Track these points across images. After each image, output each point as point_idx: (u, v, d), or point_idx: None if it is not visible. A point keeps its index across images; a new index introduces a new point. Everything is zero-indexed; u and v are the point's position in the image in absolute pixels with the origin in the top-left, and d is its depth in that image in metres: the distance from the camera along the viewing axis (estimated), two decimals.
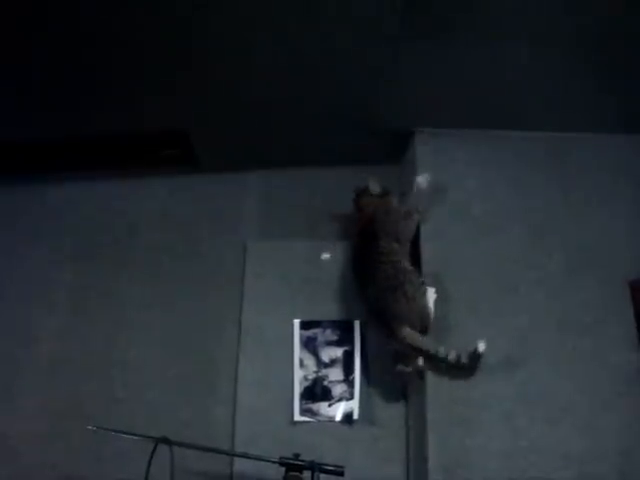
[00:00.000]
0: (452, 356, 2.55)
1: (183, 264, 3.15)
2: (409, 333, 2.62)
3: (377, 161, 3.16)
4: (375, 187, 2.90)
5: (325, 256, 3.07)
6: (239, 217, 3.22)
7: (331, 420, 2.83)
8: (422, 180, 2.86)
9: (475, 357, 2.53)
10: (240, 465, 2.74)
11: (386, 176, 3.15)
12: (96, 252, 3.18)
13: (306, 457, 2.47)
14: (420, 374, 2.64)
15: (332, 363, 2.91)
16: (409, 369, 2.65)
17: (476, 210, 2.86)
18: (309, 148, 3.09)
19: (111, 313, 3.08)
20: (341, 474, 2.49)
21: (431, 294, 2.67)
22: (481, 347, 2.50)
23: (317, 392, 2.86)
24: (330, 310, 2.96)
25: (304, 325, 2.95)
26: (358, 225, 2.92)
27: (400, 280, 2.66)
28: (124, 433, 2.57)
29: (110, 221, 3.24)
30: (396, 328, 2.63)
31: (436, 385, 2.59)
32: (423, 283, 2.69)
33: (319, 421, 2.82)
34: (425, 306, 2.66)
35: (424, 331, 2.65)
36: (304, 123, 2.94)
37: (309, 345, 2.93)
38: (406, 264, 2.72)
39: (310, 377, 2.89)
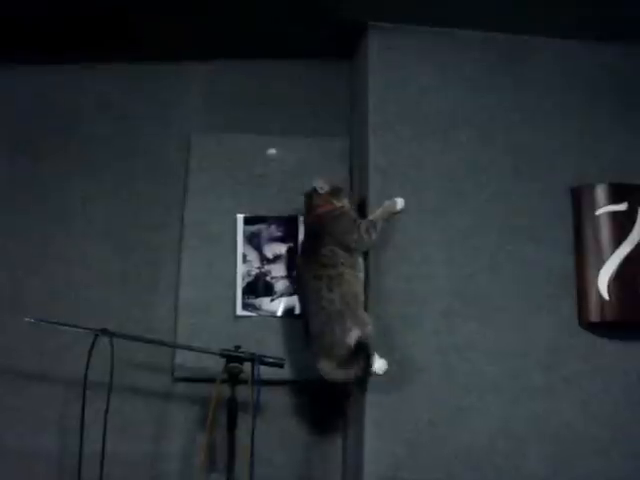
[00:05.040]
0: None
1: (124, 157, 3.06)
2: (326, 368, 2.55)
3: (328, 55, 3.08)
4: (322, 185, 2.73)
5: (271, 151, 3.02)
6: (183, 109, 3.11)
7: (273, 315, 2.87)
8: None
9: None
10: (181, 357, 2.78)
11: (337, 73, 3.13)
12: (32, 144, 3.05)
13: (248, 350, 2.53)
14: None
15: (275, 259, 2.92)
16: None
17: (426, 109, 2.83)
18: (259, 38, 2.98)
19: (49, 207, 2.99)
20: (281, 366, 2.55)
21: (382, 364, 2.51)
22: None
23: (260, 287, 2.89)
24: (275, 206, 2.95)
25: (248, 221, 2.93)
26: (306, 221, 2.81)
27: (334, 311, 2.53)
28: (63, 325, 2.57)
29: (46, 112, 3.09)
30: (317, 358, 2.56)
31: (377, 283, 2.63)
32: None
33: (261, 316, 2.86)
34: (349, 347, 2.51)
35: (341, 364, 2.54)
36: (254, 9, 2.80)
37: (253, 241, 2.92)
38: (348, 287, 2.56)
39: (253, 273, 2.90)
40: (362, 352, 2.49)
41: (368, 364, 2.49)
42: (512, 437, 2.55)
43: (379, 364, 2.50)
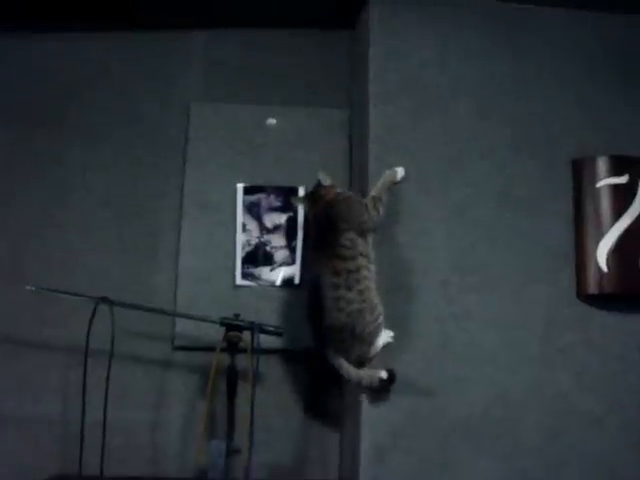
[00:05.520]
0: (367, 380, 2.50)
1: (123, 126, 3.04)
2: (344, 366, 2.52)
3: (329, 25, 3.06)
4: (325, 178, 2.69)
5: (270, 121, 3.01)
6: (182, 78, 3.09)
7: (272, 285, 2.88)
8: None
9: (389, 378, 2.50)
10: (181, 326, 2.80)
11: (337, 43, 3.10)
12: (31, 113, 3.03)
13: (247, 319, 2.54)
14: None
15: (275, 229, 2.92)
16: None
17: (427, 80, 2.81)
18: (260, 7, 2.95)
19: (48, 176, 2.98)
20: (280, 335, 2.57)
21: (386, 336, 2.53)
22: (383, 375, 2.48)
23: (259, 257, 2.89)
24: (274, 176, 2.94)
25: (248, 190, 2.93)
26: (313, 213, 2.72)
27: (354, 310, 2.49)
28: (64, 293, 2.58)
29: (45, 81, 3.06)
30: (330, 354, 2.54)
31: (375, 254, 2.63)
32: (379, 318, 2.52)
33: (260, 285, 2.87)
34: (372, 344, 2.52)
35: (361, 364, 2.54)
36: None
37: (252, 210, 2.93)
38: (365, 283, 2.50)
39: (253, 242, 2.90)
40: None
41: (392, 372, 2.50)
42: (509, 406, 2.58)
43: (384, 336, 2.52)
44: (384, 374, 2.47)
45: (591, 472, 2.54)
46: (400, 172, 2.66)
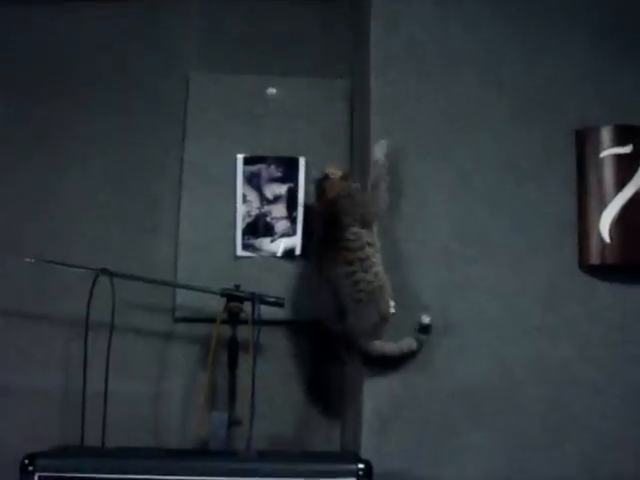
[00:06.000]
0: (406, 346, 2.52)
1: (122, 97, 3.01)
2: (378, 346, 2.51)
3: None
4: (333, 171, 2.66)
5: (271, 91, 2.98)
6: (181, 48, 3.05)
7: (273, 255, 2.87)
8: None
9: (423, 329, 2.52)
10: (182, 297, 2.79)
11: (338, 11, 3.06)
12: (30, 85, 3.00)
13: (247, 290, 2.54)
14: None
15: (275, 200, 2.90)
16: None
17: (428, 49, 2.77)
18: None
19: (48, 148, 2.96)
20: (281, 305, 2.57)
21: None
22: (425, 320, 2.50)
23: (260, 228, 2.88)
24: (275, 146, 2.92)
25: (248, 161, 2.91)
26: (319, 208, 2.70)
27: (376, 288, 2.49)
28: (63, 265, 2.58)
29: (44, 52, 3.04)
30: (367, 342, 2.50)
31: (376, 222, 2.62)
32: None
33: (261, 256, 2.86)
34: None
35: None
36: None
37: (253, 181, 2.90)
38: (378, 267, 2.51)
39: (253, 213, 2.89)
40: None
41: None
42: (510, 376, 2.57)
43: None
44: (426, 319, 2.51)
45: (591, 442, 2.54)
46: (382, 144, 2.61)
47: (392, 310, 2.52)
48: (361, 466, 2.16)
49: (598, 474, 2.52)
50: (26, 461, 2.12)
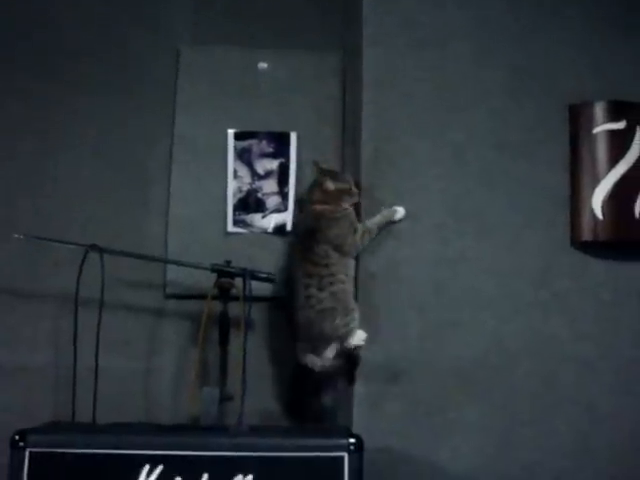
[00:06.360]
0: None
1: (111, 71, 2.95)
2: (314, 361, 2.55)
3: None
4: (331, 186, 2.63)
5: (262, 65, 2.94)
6: (170, 21, 3.00)
7: (264, 231, 2.85)
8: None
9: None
10: (172, 273, 2.77)
11: None
12: (15, 61, 2.93)
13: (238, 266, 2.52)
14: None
15: (267, 175, 2.88)
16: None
17: (422, 22, 2.74)
18: None
19: (36, 124, 2.91)
20: (272, 281, 2.56)
21: (358, 338, 2.51)
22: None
23: (251, 203, 2.85)
24: (266, 121, 2.88)
25: (239, 136, 2.87)
26: (305, 209, 2.72)
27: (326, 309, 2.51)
28: (52, 241, 2.56)
29: (28, 27, 2.96)
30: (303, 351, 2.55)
31: (369, 197, 2.63)
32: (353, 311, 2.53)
33: (252, 232, 2.84)
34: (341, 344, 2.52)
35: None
36: None
37: (244, 156, 2.87)
38: (339, 285, 2.53)
39: (244, 189, 2.86)
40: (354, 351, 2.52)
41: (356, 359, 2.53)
42: (503, 352, 2.58)
43: (358, 336, 2.51)
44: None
45: (584, 417, 2.56)
46: (400, 212, 2.61)
47: (359, 342, 2.51)
48: (352, 440, 2.17)
49: (590, 448, 2.55)
50: (17, 437, 2.12)
